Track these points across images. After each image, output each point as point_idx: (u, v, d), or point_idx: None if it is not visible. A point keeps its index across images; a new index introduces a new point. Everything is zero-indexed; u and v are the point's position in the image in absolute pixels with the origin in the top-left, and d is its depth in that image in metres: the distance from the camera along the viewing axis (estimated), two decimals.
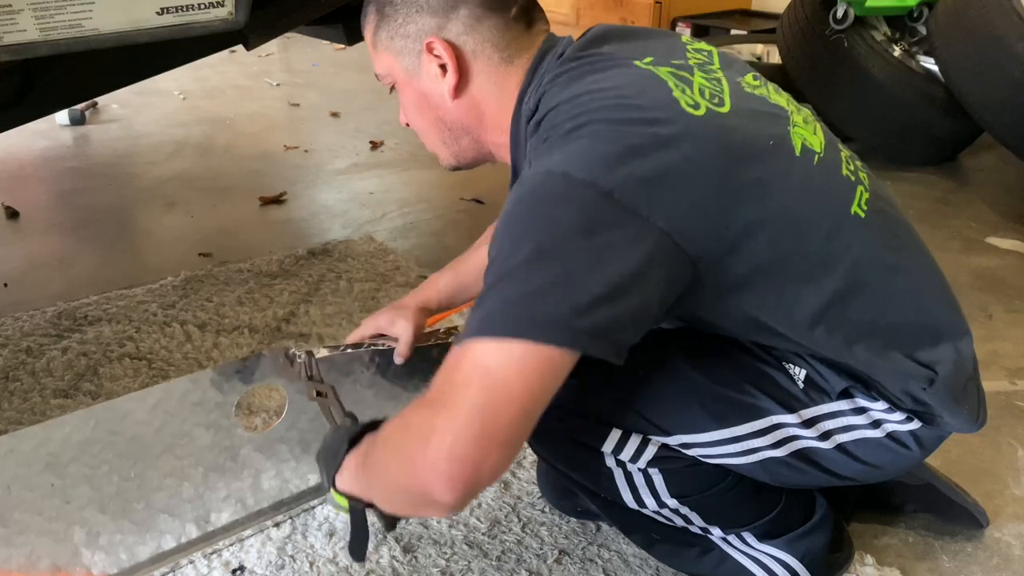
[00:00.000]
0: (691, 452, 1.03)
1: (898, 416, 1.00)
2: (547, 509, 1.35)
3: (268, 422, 1.54)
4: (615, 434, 1.02)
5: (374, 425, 0.98)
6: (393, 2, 1.00)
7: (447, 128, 1.04)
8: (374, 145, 3.31)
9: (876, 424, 1.01)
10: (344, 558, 1.25)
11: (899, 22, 3.05)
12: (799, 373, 1.00)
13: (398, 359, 1.30)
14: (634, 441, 1.02)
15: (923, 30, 3.01)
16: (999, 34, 2.49)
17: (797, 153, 0.93)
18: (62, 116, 3.46)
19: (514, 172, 1.03)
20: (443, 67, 0.98)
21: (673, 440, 1.02)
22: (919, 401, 0.99)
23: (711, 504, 1.07)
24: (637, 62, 0.92)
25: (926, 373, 0.97)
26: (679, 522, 1.10)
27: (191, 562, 1.23)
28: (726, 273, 0.89)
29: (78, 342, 1.84)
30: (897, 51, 2.94)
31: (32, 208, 2.68)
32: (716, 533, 1.12)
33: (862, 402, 1.00)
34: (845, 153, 1.02)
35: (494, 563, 1.24)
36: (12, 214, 2.60)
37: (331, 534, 1.30)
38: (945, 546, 1.29)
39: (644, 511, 1.08)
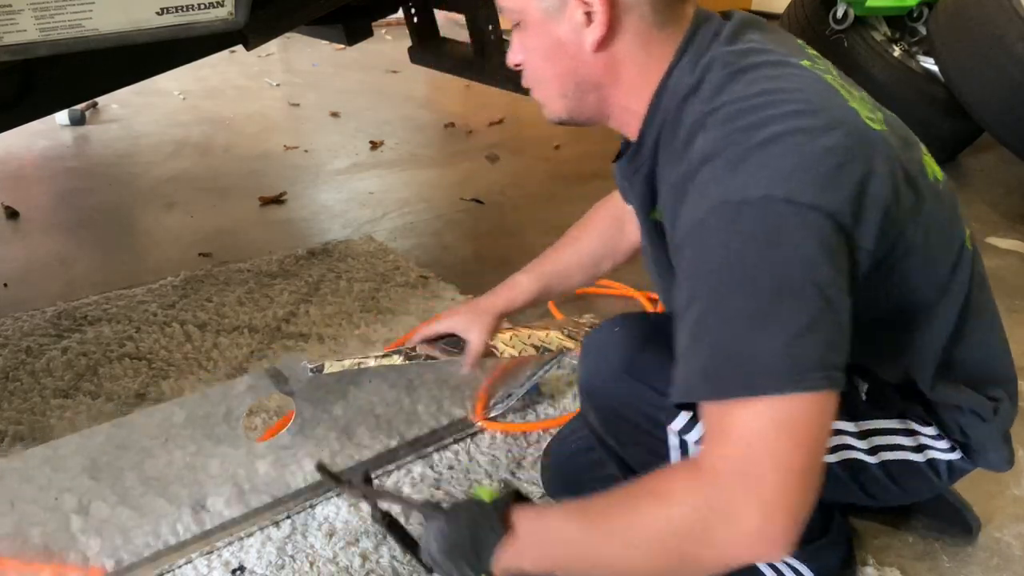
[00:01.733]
0: None
1: (943, 444, 1.02)
2: None
3: (268, 423, 1.54)
4: (686, 415, 1.00)
5: (515, 497, 0.92)
6: None
7: (575, 81, 0.95)
8: (374, 145, 3.31)
9: (920, 449, 1.03)
10: (344, 558, 1.25)
11: (899, 22, 3.05)
12: (862, 386, 1.01)
13: (464, 370, 1.30)
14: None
15: (923, 30, 3.00)
16: (999, 34, 2.49)
17: (930, 179, 0.91)
18: (62, 116, 3.46)
19: (639, 142, 0.96)
20: (589, 15, 0.90)
21: None
22: (967, 434, 1.01)
23: None
24: (803, 63, 0.88)
25: (991, 404, 1.00)
26: None
27: (190, 562, 1.24)
28: (872, 301, 0.87)
29: (78, 342, 1.84)
30: (897, 51, 2.94)
31: (32, 208, 2.68)
32: None
33: (914, 425, 1.02)
34: None
35: None
36: (12, 214, 2.60)
37: (331, 534, 1.29)
38: (945, 546, 1.29)
39: None
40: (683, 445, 1.02)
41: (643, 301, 1.97)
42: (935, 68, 2.84)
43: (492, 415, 1.55)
